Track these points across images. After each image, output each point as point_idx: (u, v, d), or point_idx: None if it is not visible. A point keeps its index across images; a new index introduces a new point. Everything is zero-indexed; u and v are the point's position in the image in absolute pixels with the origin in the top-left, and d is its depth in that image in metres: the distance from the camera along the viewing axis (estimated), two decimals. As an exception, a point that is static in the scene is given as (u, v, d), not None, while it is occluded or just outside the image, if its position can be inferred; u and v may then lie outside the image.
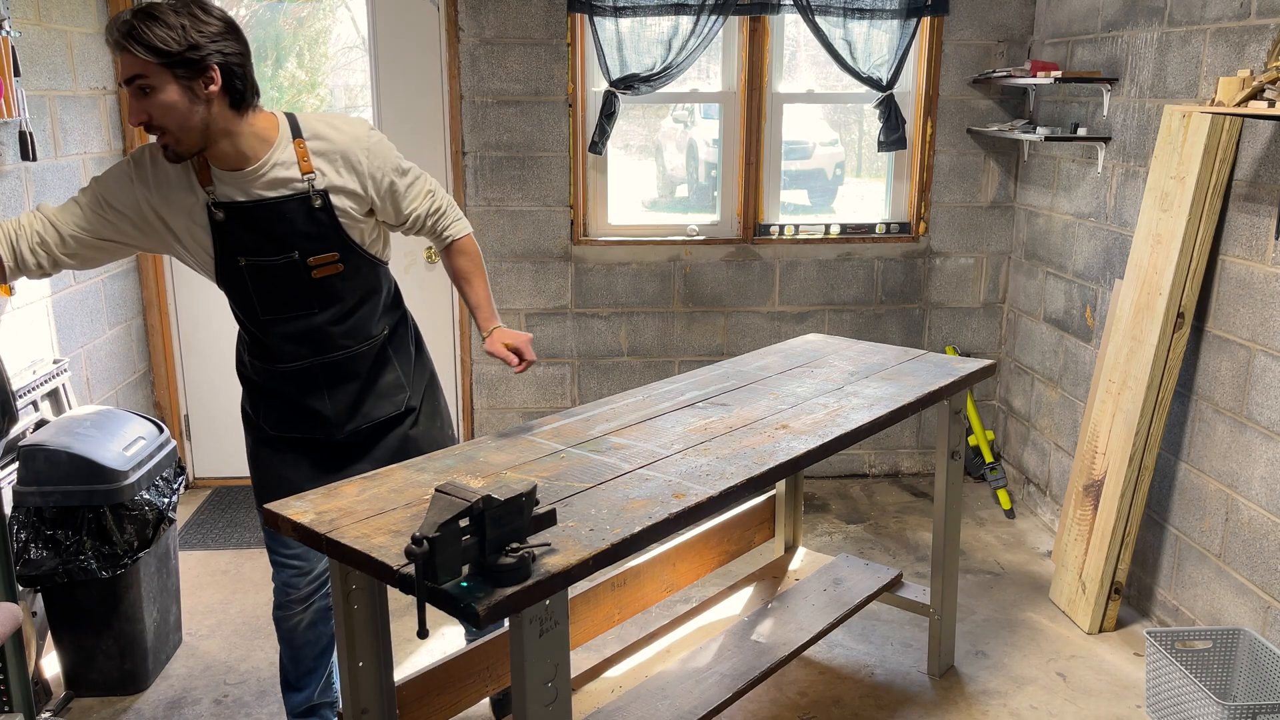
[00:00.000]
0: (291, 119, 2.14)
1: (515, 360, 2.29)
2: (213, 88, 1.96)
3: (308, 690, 2.56)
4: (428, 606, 1.53)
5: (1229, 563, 2.94)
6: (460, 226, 2.37)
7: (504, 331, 2.33)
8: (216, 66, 1.96)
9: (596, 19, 4.04)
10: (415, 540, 1.48)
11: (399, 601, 3.15)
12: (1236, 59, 2.91)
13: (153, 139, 2.04)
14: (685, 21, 4.05)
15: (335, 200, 2.12)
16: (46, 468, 2.74)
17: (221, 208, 2.06)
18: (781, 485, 3.24)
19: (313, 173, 2.10)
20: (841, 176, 5.11)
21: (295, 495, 1.92)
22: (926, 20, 4.20)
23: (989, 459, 4.42)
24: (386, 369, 2.34)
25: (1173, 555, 3.22)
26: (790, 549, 3.29)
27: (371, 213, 2.22)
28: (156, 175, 2.07)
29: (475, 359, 4.38)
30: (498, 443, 2.21)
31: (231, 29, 2.00)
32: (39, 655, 2.88)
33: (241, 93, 2.02)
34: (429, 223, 2.32)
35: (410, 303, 4.55)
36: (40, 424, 3.13)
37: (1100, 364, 3.48)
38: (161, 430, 3.13)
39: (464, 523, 1.53)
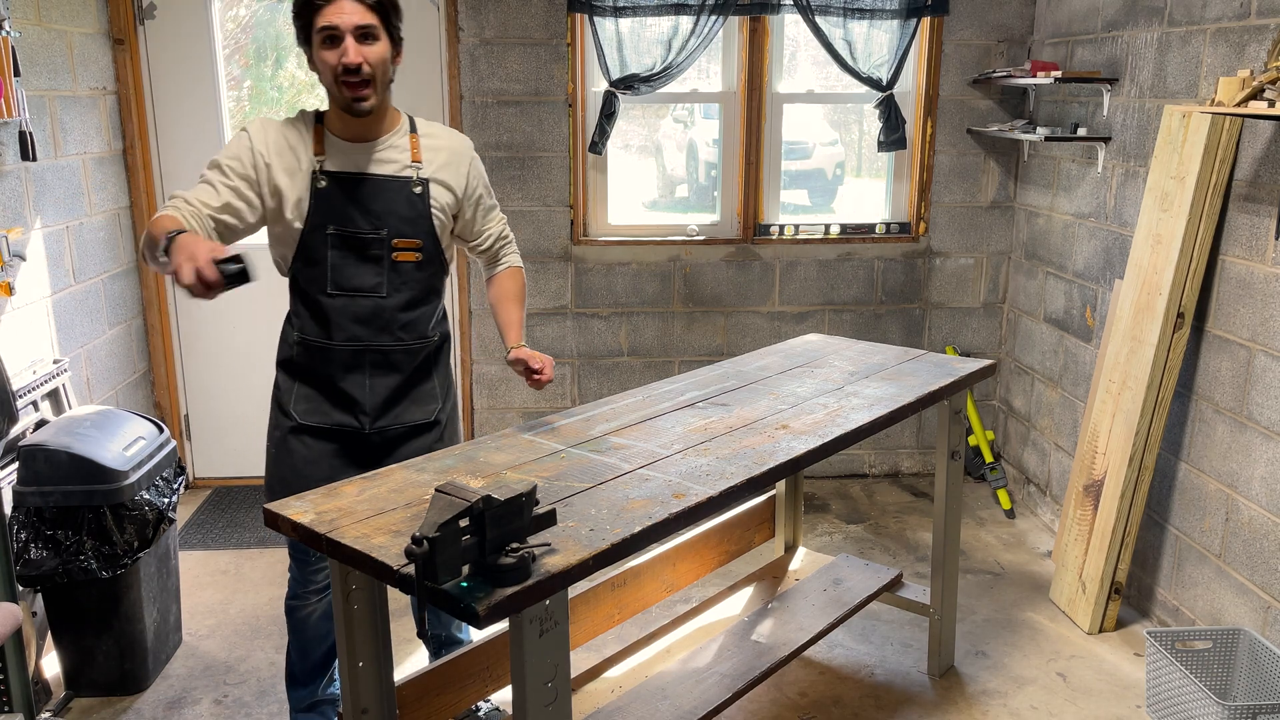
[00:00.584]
0: (410, 117, 2.33)
1: (540, 365, 2.32)
2: (399, 59, 2.21)
3: (312, 685, 2.56)
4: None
5: (1229, 563, 2.94)
6: (518, 257, 2.54)
7: (529, 350, 2.39)
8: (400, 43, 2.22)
9: (596, 19, 4.04)
10: (415, 540, 1.48)
11: (399, 601, 3.15)
12: (1236, 59, 2.91)
13: (266, 113, 2.13)
14: (685, 21, 4.05)
15: (433, 190, 2.28)
16: (46, 468, 2.74)
17: (327, 176, 2.19)
18: (781, 485, 3.24)
19: (420, 163, 2.26)
20: (841, 176, 5.11)
21: (295, 495, 1.92)
22: (926, 20, 4.20)
23: (989, 459, 4.42)
24: (427, 377, 2.41)
25: (1173, 555, 3.22)
26: (790, 549, 3.29)
27: (455, 218, 2.36)
28: (270, 139, 2.20)
29: (475, 360, 4.38)
30: (498, 443, 2.21)
31: None
32: (39, 655, 2.88)
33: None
34: (496, 246, 2.48)
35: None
36: (40, 424, 3.13)
37: (1100, 364, 3.48)
38: (161, 430, 3.13)
39: (464, 523, 1.52)
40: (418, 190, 2.25)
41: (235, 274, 1.84)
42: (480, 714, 2.62)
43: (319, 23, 2.08)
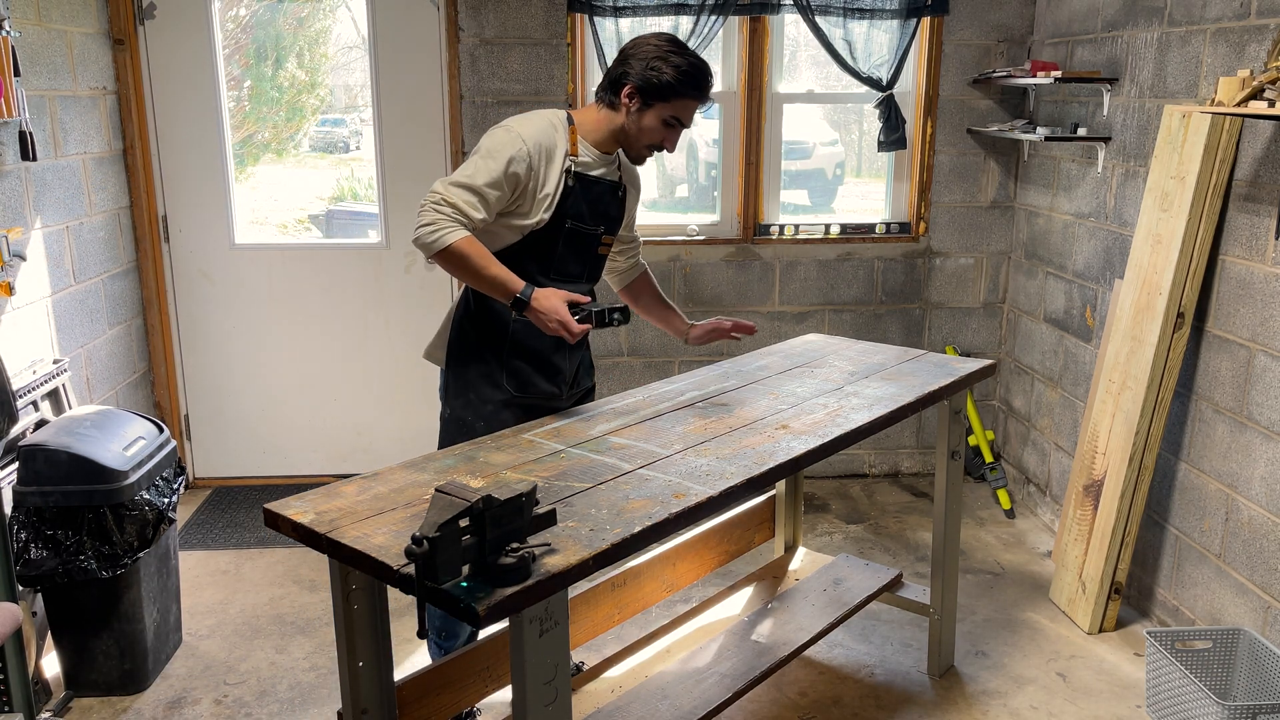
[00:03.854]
0: None
1: (728, 324, 2.75)
2: None
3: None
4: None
5: (1229, 563, 2.94)
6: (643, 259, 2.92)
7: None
8: None
9: (596, 19, 4.04)
10: (415, 540, 1.48)
11: (399, 601, 3.14)
12: (1236, 59, 2.91)
13: (515, 134, 2.39)
14: (685, 21, 4.05)
15: (629, 195, 2.67)
16: (46, 468, 2.74)
17: (575, 177, 2.47)
18: (781, 485, 3.24)
19: (620, 170, 2.62)
20: (841, 176, 5.11)
21: (295, 495, 1.92)
22: (926, 20, 4.20)
23: (989, 459, 4.42)
24: (589, 349, 2.78)
25: (1173, 555, 3.22)
26: (790, 549, 3.29)
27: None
28: (542, 141, 2.41)
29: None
30: (498, 443, 2.21)
31: None
32: (39, 655, 2.88)
33: None
34: (634, 250, 2.86)
35: (410, 301, 4.57)
36: (40, 424, 3.13)
37: (1100, 364, 3.48)
38: (161, 430, 3.13)
39: (464, 523, 1.52)
40: (620, 194, 2.60)
41: (598, 316, 2.35)
42: None
43: (674, 110, 2.40)
